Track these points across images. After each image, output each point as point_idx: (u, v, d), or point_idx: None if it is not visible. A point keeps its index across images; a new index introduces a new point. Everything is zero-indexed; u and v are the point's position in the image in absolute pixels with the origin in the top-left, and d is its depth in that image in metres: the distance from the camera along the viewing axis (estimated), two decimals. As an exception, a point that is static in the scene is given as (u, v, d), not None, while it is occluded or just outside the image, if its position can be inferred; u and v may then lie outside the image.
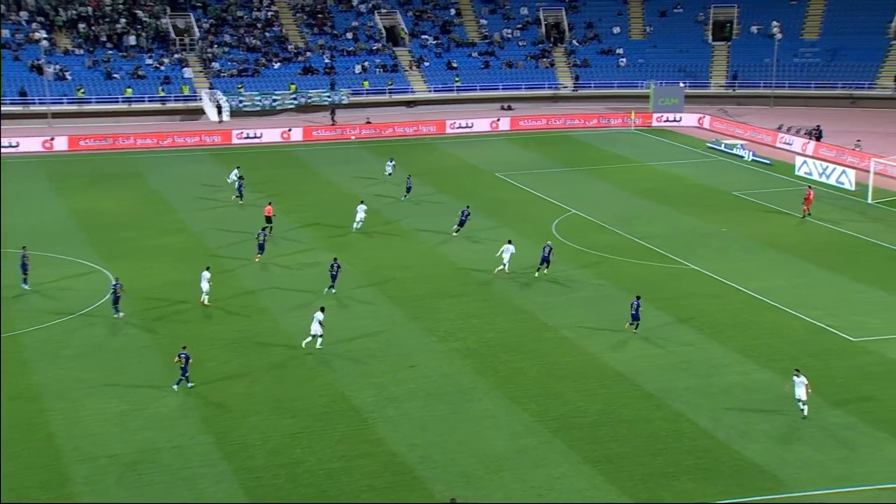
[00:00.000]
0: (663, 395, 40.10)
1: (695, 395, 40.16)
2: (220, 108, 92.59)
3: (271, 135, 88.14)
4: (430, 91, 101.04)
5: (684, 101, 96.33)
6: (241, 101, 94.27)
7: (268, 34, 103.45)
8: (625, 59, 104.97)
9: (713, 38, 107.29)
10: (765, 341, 45.42)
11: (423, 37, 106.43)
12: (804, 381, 38.05)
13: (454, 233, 60.30)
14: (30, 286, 50.87)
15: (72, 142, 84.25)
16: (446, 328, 46.67)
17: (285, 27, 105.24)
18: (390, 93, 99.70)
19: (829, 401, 39.49)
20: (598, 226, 62.57)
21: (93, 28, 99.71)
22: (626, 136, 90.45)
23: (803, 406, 38.15)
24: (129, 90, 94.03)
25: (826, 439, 36.78)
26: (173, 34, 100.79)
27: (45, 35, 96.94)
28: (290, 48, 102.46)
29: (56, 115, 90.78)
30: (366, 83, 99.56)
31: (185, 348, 40.64)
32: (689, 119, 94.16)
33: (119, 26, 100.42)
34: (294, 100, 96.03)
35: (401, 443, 36.40)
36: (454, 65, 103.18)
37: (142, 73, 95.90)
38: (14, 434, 36.65)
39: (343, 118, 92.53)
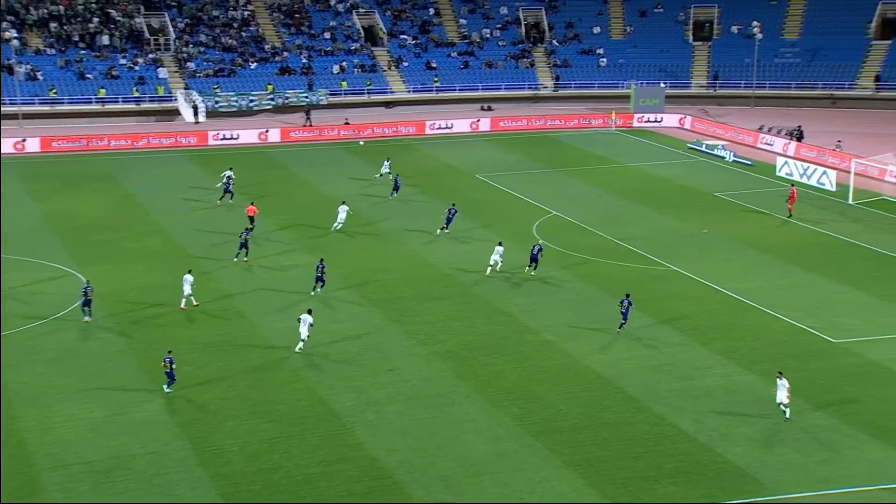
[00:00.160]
0: (645, 398, 39.93)
1: (677, 397, 40.02)
2: (196, 108, 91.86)
3: (248, 136, 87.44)
4: (409, 91, 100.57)
5: (665, 102, 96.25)
6: (217, 102, 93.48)
7: (244, 34, 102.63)
8: (605, 60, 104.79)
9: (693, 38, 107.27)
10: (746, 343, 45.33)
11: (402, 37, 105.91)
12: (785, 384, 37.97)
13: (440, 231, 60.17)
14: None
15: (44, 143, 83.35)
16: (427, 331, 46.37)
17: (262, 27, 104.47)
18: (369, 93, 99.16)
19: (810, 403, 39.41)
20: (579, 227, 62.35)
21: (65, 27, 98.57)
22: (606, 136, 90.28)
23: (785, 409, 38.03)
24: (103, 91, 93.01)
25: (808, 441, 36.69)
26: (147, 34, 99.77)
27: (15, 34, 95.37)
28: (266, 48, 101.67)
29: (27, 116, 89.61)
30: (344, 83, 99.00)
31: (171, 352, 40.27)
32: (669, 119, 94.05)
33: (92, 26, 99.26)
34: (271, 100, 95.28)
35: (380, 447, 36.11)
36: (433, 65, 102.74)
37: (115, 73, 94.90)
38: (-15, 441, 36.17)
39: (321, 119, 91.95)
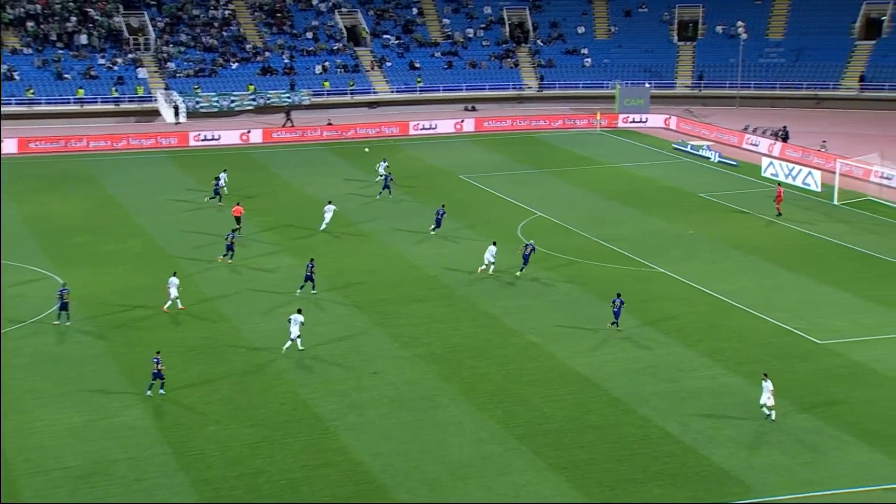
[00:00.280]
0: (630, 400, 39.75)
1: (662, 399, 39.85)
2: (177, 109, 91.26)
3: (230, 136, 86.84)
4: (392, 92, 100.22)
5: (650, 102, 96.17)
6: (198, 103, 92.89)
7: (225, 33, 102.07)
8: (590, 60, 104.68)
9: (678, 38, 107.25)
10: (732, 344, 45.20)
11: (385, 36, 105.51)
12: (770, 386, 37.86)
13: (431, 232, 60.06)
14: None
15: (21, 144, 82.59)
16: (410, 333, 46.11)
17: (243, 26, 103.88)
18: (352, 94, 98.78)
19: (795, 404, 39.30)
20: (564, 228, 62.16)
21: (42, 26, 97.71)
22: (591, 137, 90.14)
23: (770, 411, 37.91)
24: (81, 91, 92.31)
25: (793, 443, 36.58)
26: (127, 33, 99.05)
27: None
28: (248, 48, 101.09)
29: (4, 117, 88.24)
30: (326, 84, 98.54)
31: (160, 353, 40.05)
32: (654, 120, 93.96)
33: (70, 25, 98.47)
34: (253, 101, 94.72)
35: (364, 451, 35.84)
36: (417, 65, 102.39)
37: (94, 73, 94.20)
38: (-37, 447, 35.76)
39: (304, 120, 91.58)
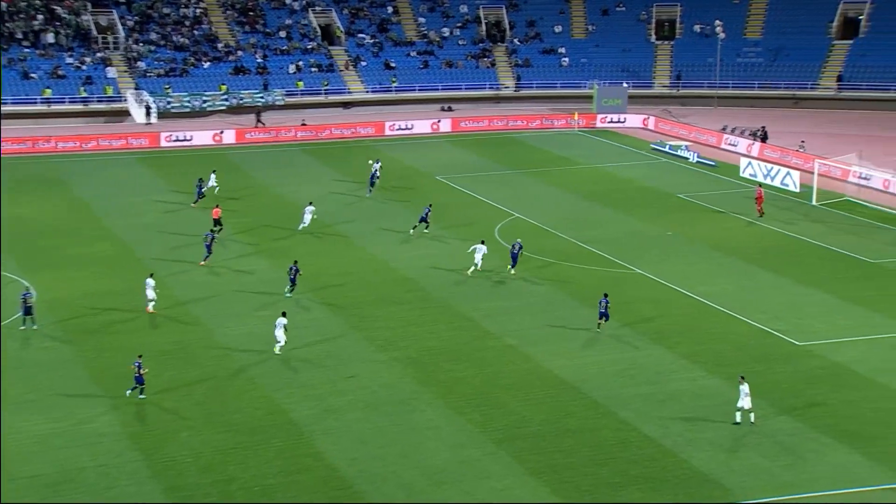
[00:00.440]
0: (609, 403, 39.49)
1: (641, 402, 39.62)
2: (149, 109, 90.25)
3: (202, 137, 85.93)
4: (367, 92, 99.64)
5: (628, 102, 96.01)
6: (169, 103, 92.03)
7: (196, 32, 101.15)
8: (567, 59, 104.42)
9: (656, 37, 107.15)
10: (711, 346, 45.01)
11: (360, 35, 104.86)
12: (746, 389, 37.71)
13: (424, 230, 60.05)
14: None
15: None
16: (387, 336, 45.73)
17: (215, 25, 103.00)
18: (326, 93, 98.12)
19: (775, 406, 39.17)
20: (541, 230, 61.86)
21: (7, 25, 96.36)
22: (569, 137, 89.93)
23: (749, 413, 37.75)
24: (49, 91, 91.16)
25: (772, 446, 36.44)
26: (95, 32, 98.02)
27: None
28: (220, 47, 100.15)
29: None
30: (300, 84, 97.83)
31: (141, 357, 39.60)
32: (633, 120, 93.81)
33: (36, 23, 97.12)
34: (225, 101, 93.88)
35: (340, 457, 35.46)
36: (392, 64, 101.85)
37: (62, 72, 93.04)
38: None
39: (277, 120, 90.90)
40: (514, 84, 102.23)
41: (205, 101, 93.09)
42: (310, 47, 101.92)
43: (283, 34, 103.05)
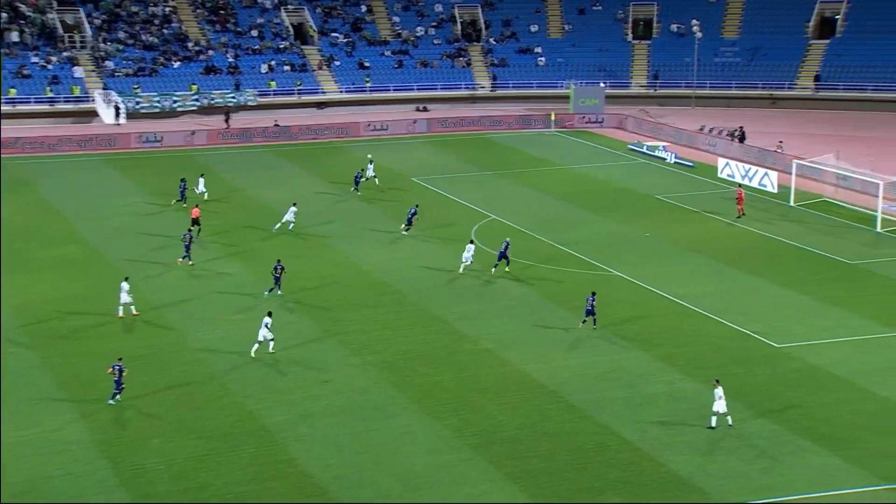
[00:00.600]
0: (587, 407, 39.20)
1: (619, 405, 39.35)
2: (118, 109, 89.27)
3: (173, 138, 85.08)
4: (341, 92, 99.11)
5: (605, 102, 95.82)
6: (138, 103, 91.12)
7: (166, 31, 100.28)
8: (543, 59, 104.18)
9: (633, 36, 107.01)
10: (689, 349, 44.78)
11: (333, 35, 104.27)
12: (720, 392, 37.58)
13: (403, 231, 59.90)
14: None
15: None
16: (361, 340, 45.30)
17: (185, 24, 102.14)
18: (299, 93, 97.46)
19: (752, 409, 38.98)
20: (518, 231, 61.50)
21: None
22: (546, 138, 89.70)
23: (726, 416, 37.57)
24: (14, 90, 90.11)
25: (749, 449, 36.26)
26: (61, 30, 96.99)
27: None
28: (190, 46, 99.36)
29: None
30: (273, 83, 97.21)
31: (121, 360, 39.02)
32: (610, 120, 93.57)
33: (0, 21, 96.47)
34: (196, 101, 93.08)
35: (314, 463, 35.04)
36: (366, 64, 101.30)
37: (27, 72, 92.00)
38: None
39: (249, 120, 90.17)
40: (490, 84, 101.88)
41: (175, 102, 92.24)
42: (282, 46, 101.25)
43: (254, 33, 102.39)
